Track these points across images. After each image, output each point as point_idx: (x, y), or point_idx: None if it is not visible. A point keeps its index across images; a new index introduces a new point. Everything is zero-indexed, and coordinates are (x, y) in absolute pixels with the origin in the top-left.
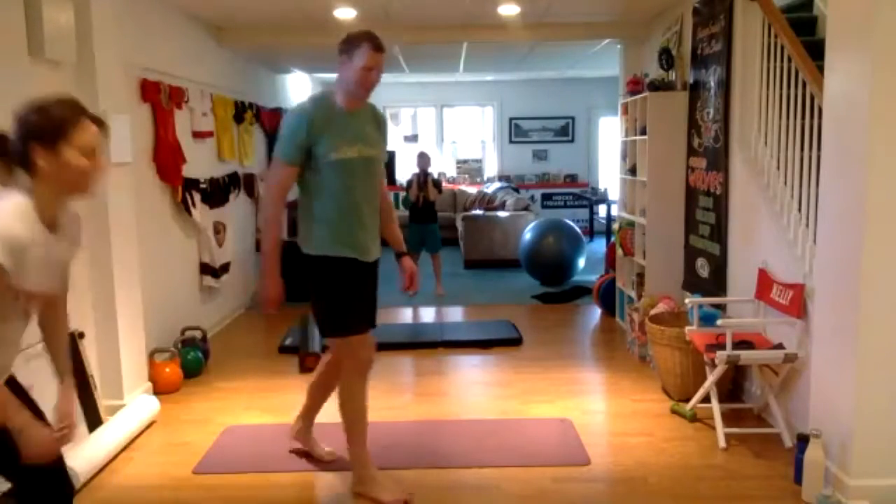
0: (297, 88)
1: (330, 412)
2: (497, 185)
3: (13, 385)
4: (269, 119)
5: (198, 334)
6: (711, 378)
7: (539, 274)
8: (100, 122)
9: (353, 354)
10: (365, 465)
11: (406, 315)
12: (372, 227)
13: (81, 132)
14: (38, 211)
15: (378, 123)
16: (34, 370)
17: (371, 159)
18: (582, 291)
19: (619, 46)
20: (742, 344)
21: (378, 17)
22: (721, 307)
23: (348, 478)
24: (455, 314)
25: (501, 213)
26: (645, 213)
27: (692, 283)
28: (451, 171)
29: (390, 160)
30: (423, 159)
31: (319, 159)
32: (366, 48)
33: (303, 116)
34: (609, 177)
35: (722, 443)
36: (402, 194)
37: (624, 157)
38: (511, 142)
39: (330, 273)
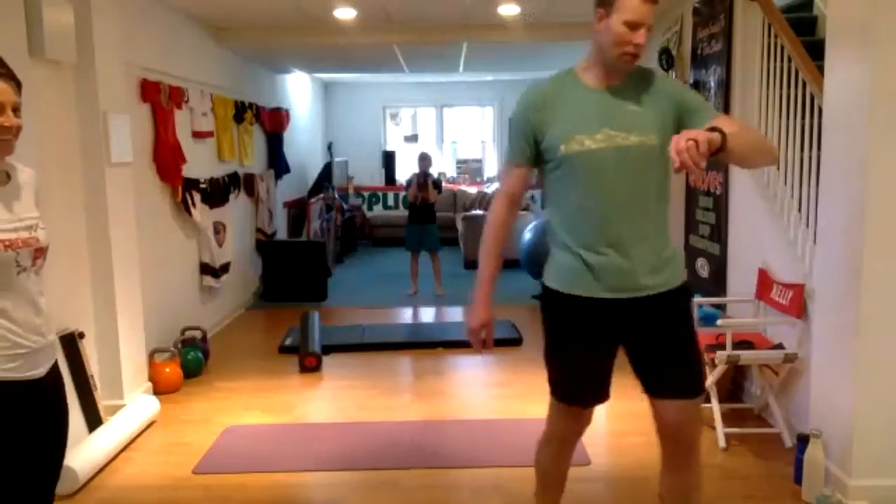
0: (297, 88)
1: (331, 412)
2: (497, 185)
3: (53, 373)
4: (269, 119)
5: (198, 334)
6: (711, 378)
7: (539, 274)
8: (11, 77)
9: (552, 420)
10: None
11: (406, 315)
12: (640, 251)
13: None
14: None
15: (658, 95)
16: None
17: (630, 149)
18: None
19: None
20: (742, 344)
21: (378, 17)
22: (721, 307)
23: (348, 477)
24: (455, 314)
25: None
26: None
27: (692, 284)
28: (451, 171)
29: (389, 160)
30: (425, 161)
31: (548, 156)
32: None
33: (526, 97)
34: None
35: (722, 443)
36: (402, 194)
37: None
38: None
39: (552, 313)
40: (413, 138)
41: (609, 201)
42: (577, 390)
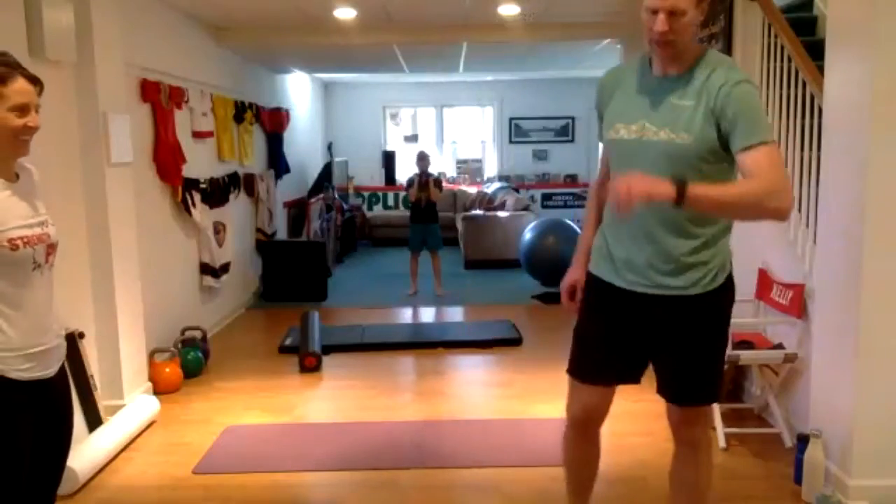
0: (297, 88)
1: (331, 412)
2: (497, 185)
3: (62, 373)
4: (269, 119)
5: (198, 334)
6: None
7: (539, 274)
8: (35, 80)
9: (567, 400)
10: None
11: (406, 315)
12: (656, 249)
13: (13, 88)
14: None
15: (708, 93)
16: None
17: (656, 145)
18: None
19: (618, 46)
20: (742, 344)
21: (378, 17)
22: None
23: (348, 477)
24: (455, 314)
25: (501, 213)
26: None
27: None
28: (451, 171)
29: (389, 160)
30: (424, 160)
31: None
32: None
33: (603, 76)
34: None
35: (722, 443)
36: (402, 194)
37: None
38: (511, 142)
39: (586, 289)
40: (413, 138)
41: (647, 212)
42: (580, 363)
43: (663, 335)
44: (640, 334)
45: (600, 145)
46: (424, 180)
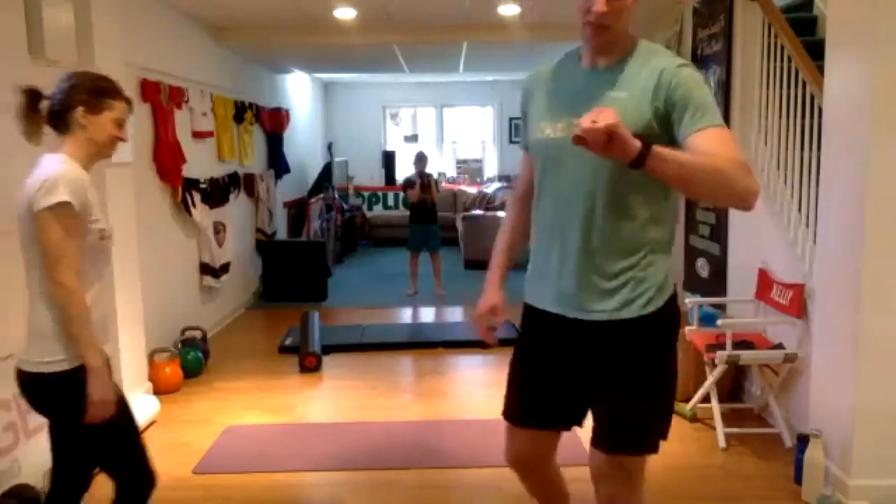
0: (297, 88)
1: (331, 412)
2: (497, 185)
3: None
4: (269, 119)
5: (198, 334)
6: (711, 378)
7: None
8: (130, 101)
9: (505, 440)
10: None
11: (406, 315)
12: (587, 266)
13: (120, 104)
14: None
15: (651, 82)
16: None
17: None
18: None
19: None
20: (742, 344)
21: (378, 17)
22: (721, 307)
23: (348, 477)
24: (455, 314)
25: (501, 213)
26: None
27: (692, 283)
28: (451, 172)
29: (389, 160)
30: (422, 161)
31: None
32: None
33: (527, 76)
34: None
35: (722, 443)
36: (402, 194)
37: None
38: (511, 142)
39: (522, 321)
40: (413, 138)
41: (560, 200)
42: (513, 405)
43: (594, 370)
44: (575, 369)
45: (524, 153)
46: (426, 181)
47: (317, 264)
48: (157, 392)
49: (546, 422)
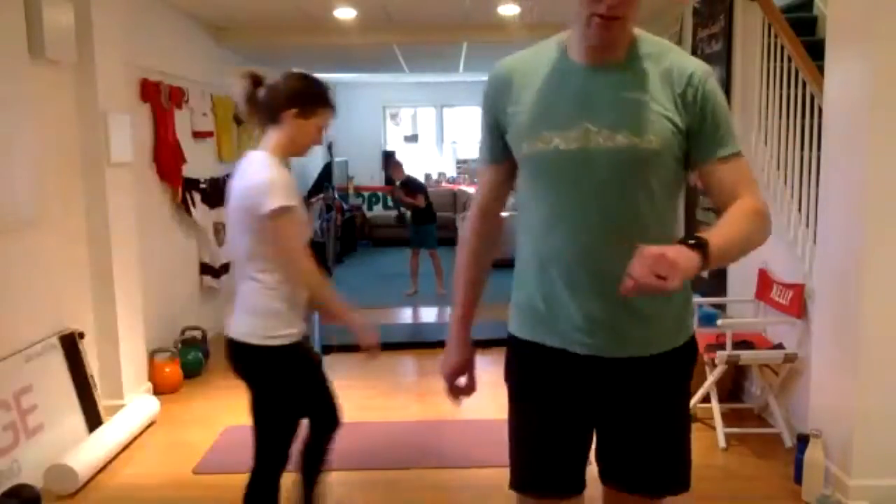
0: None
1: None
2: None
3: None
4: None
5: (198, 334)
6: (711, 378)
7: None
8: (335, 108)
9: None
10: None
11: (406, 315)
12: (609, 291)
13: (327, 111)
14: None
15: (670, 81)
16: (34, 370)
17: (616, 154)
18: None
19: None
20: (742, 344)
21: (378, 17)
22: (721, 307)
23: (348, 477)
24: None
25: (501, 213)
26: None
27: (692, 283)
28: (451, 171)
29: (390, 160)
30: (398, 168)
31: (516, 156)
32: None
33: (492, 72)
34: None
35: (722, 443)
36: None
37: None
38: None
39: (511, 367)
40: (413, 138)
41: (584, 223)
42: (530, 472)
43: (626, 411)
44: (588, 414)
45: (479, 173)
46: (409, 192)
47: (317, 264)
48: (157, 392)
49: (571, 486)
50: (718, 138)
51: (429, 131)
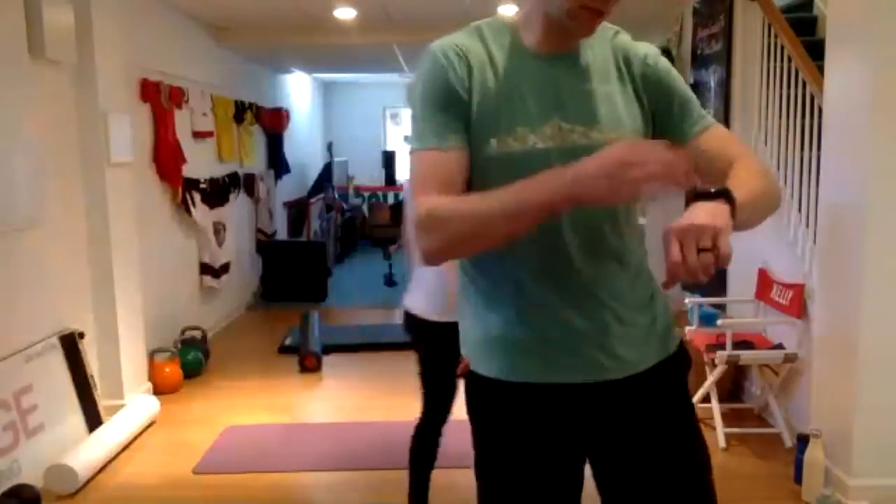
0: (297, 88)
1: (331, 412)
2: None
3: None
4: (270, 119)
5: (198, 334)
6: (711, 378)
7: None
8: None
9: None
10: None
11: None
12: (614, 307)
13: None
14: None
15: (631, 68)
16: (34, 370)
17: (587, 152)
18: None
19: None
20: (742, 344)
21: (378, 17)
22: (721, 307)
23: (348, 477)
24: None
25: None
26: (645, 213)
27: (692, 283)
28: None
29: (390, 160)
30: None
31: (473, 156)
32: None
33: (439, 52)
34: None
35: (722, 443)
36: (402, 194)
37: None
38: None
39: (480, 411)
40: None
41: (563, 234)
42: None
43: (631, 436)
44: (586, 453)
45: (430, 158)
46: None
47: (317, 264)
48: (157, 392)
49: None
50: (691, 112)
51: None
